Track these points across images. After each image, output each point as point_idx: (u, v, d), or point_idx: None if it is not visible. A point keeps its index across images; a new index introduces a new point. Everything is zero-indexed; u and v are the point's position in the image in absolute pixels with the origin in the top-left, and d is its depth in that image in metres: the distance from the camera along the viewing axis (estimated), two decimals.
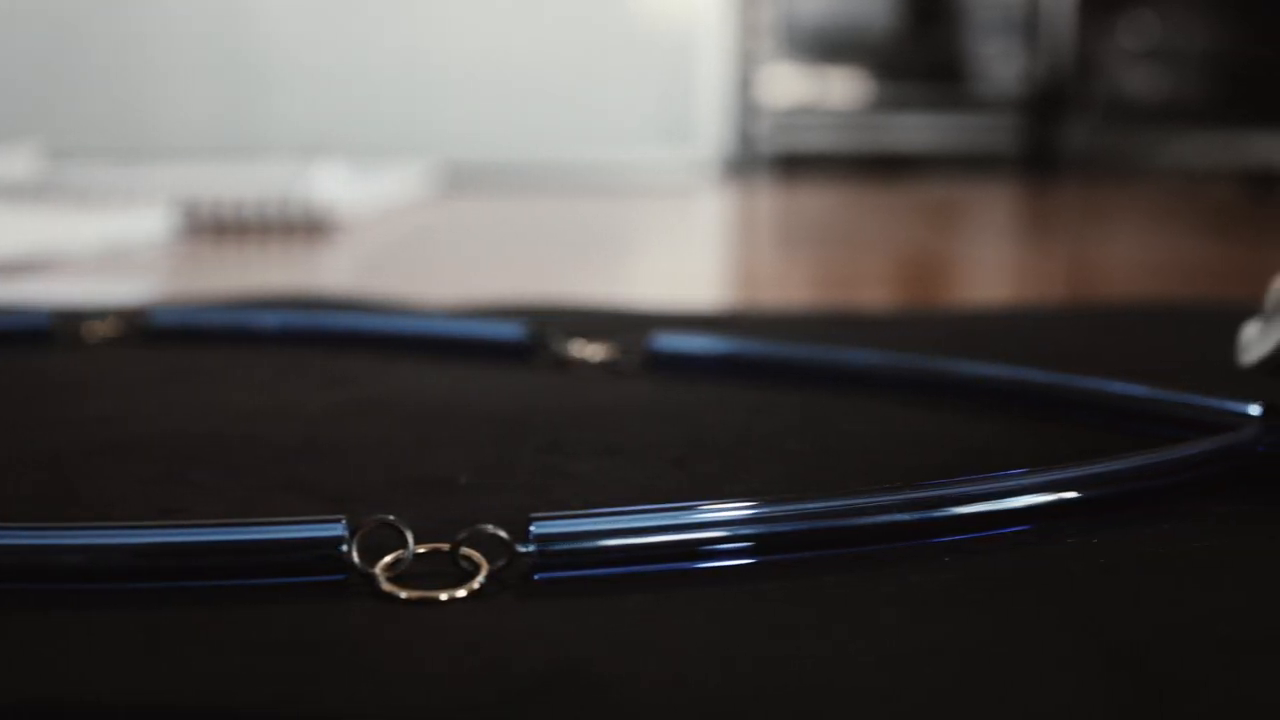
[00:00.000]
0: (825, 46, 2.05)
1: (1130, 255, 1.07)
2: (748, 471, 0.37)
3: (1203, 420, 0.39)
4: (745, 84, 1.97)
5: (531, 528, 0.28)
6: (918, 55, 2.07)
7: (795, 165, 1.97)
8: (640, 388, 0.47)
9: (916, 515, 0.30)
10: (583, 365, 0.50)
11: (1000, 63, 2.02)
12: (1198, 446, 0.36)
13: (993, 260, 1.06)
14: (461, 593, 0.28)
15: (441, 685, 0.24)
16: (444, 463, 0.38)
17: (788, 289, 0.87)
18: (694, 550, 0.29)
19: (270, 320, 0.54)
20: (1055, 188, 1.79)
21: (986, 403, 0.44)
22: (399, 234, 1.10)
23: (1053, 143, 1.98)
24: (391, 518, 0.29)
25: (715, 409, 0.44)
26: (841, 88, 2.05)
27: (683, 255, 1.12)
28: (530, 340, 0.51)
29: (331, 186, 1.02)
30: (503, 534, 0.28)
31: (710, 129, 1.85)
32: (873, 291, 0.87)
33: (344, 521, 0.28)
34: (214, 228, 1.00)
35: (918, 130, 2.02)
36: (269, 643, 0.26)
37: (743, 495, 0.34)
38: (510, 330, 0.51)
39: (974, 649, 0.25)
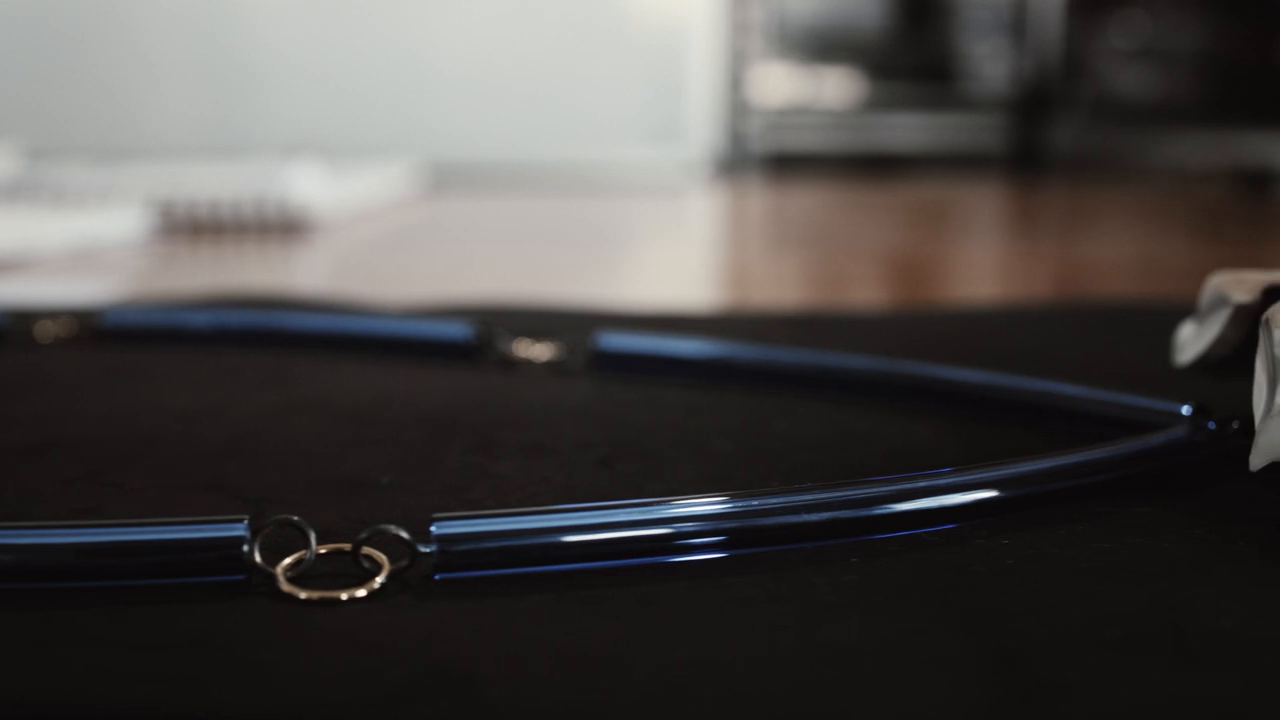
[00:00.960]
0: (816, 46, 2.05)
1: (1121, 255, 1.06)
2: (672, 471, 0.37)
3: (1136, 420, 0.39)
4: (736, 83, 1.96)
5: (433, 528, 0.28)
6: (908, 55, 2.06)
7: (786, 165, 1.96)
8: (581, 387, 0.47)
9: (826, 516, 0.30)
10: (528, 365, 0.50)
11: (991, 62, 2.02)
12: (1120, 447, 0.35)
13: (983, 260, 1.06)
14: (361, 593, 0.28)
15: (320, 685, 0.24)
16: (370, 463, 0.38)
17: (778, 289, 0.87)
18: (595, 551, 0.29)
19: (221, 320, 0.54)
20: (1046, 188, 1.78)
21: (926, 403, 0.44)
22: (378, 234, 1.10)
23: (1042, 142, 1.98)
24: (295, 518, 0.29)
25: (651, 408, 0.44)
26: (832, 87, 2.05)
27: (672, 255, 1.12)
28: (477, 340, 0.51)
29: (307, 186, 1.02)
30: (404, 534, 0.28)
31: (700, 128, 1.84)
32: (862, 291, 0.87)
33: (246, 522, 0.28)
34: (190, 227, 1.00)
35: (909, 130, 2.02)
36: (166, 642, 0.26)
37: (659, 495, 0.34)
38: (456, 330, 0.51)
39: (861, 649, 0.25)
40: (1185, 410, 0.38)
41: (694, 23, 1.81)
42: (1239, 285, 0.38)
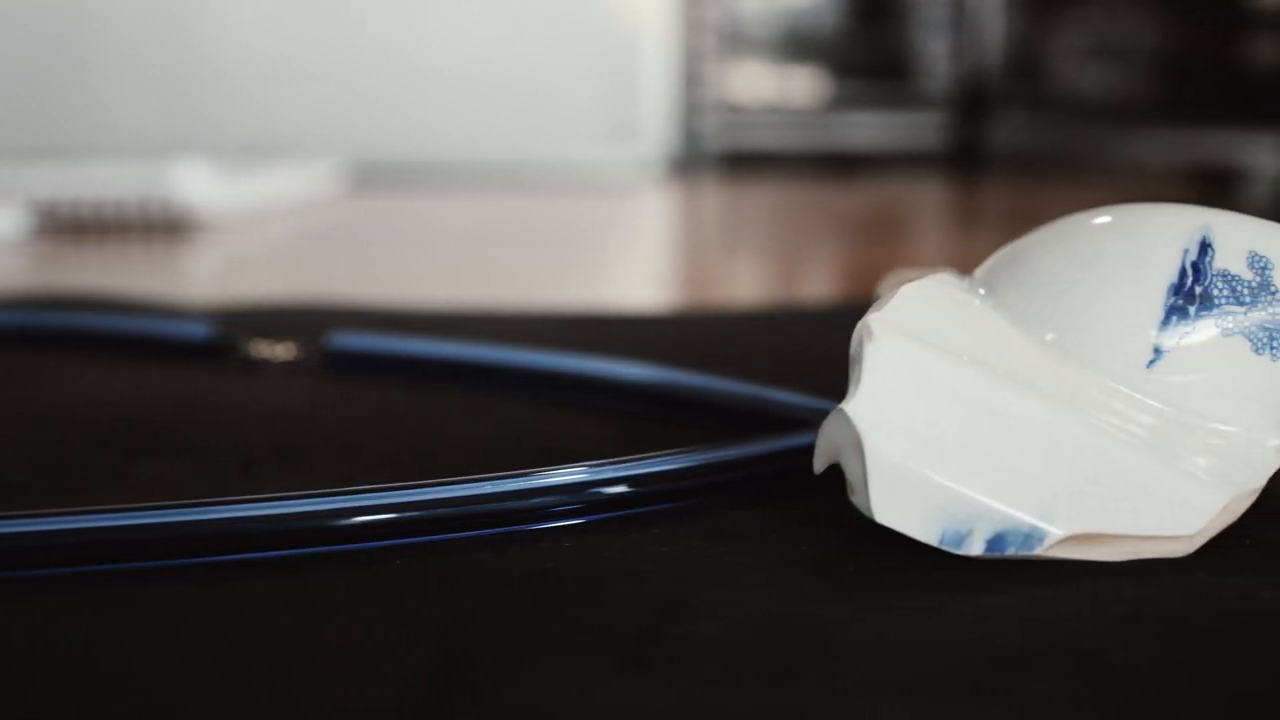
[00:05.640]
0: (772, 44, 2.04)
1: None
2: (309, 473, 0.36)
3: (802, 419, 0.38)
4: (691, 81, 1.96)
5: None
6: (864, 53, 2.05)
7: (742, 163, 1.96)
8: (301, 388, 0.47)
9: (363, 520, 0.30)
10: (268, 365, 0.50)
11: (947, 60, 2.01)
12: (747, 448, 0.35)
13: (937, 257, 1.06)
14: None
15: None
16: (16, 464, 0.37)
17: (731, 287, 0.87)
18: (99, 555, 0.28)
19: None
20: (997, 186, 1.77)
21: (620, 403, 0.43)
22: (275, 235, 1.09)
23: (989, 141, 1.97)
24: None
25: (347, 409, 0.43)
26: (789, 86, 2.05)
27: (625, 255, 1.12)
28: (219, 340, 0.51)
29: (193, 185, 1.02)
30: None
31: (655, 126, 1.84)
32: (816, 288, 0.87)
33: None
34: (74, 228, 1.00)
35: (865, 128, 2.01)
36: None
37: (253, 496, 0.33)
38: (198, 329, 0.51)
39: (314, 655, 0.25)
40: None
41: (648, 20, 1.81)
42: (896, 284, 0.38)
